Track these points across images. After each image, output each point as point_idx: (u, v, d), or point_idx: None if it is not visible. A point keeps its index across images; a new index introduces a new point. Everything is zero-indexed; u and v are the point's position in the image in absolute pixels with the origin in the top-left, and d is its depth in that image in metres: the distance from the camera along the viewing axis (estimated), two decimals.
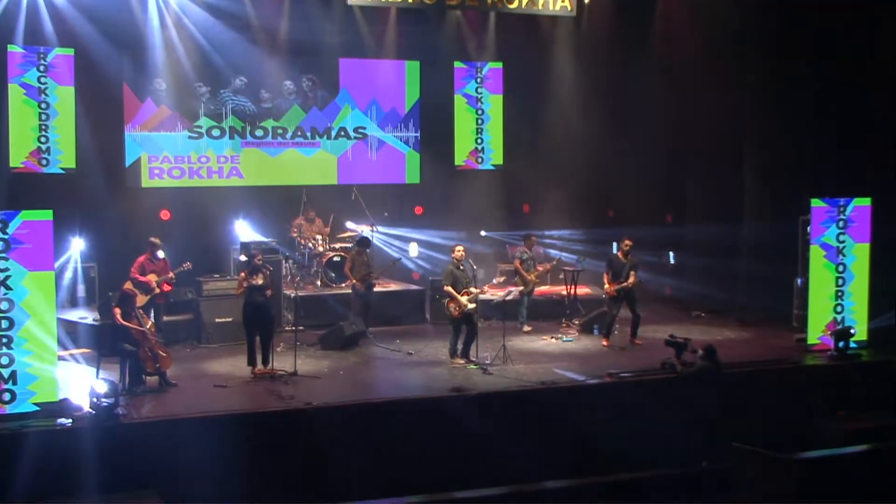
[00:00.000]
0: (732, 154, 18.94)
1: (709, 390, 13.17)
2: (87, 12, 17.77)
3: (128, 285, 14.89)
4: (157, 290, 15.42)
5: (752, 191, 18.66)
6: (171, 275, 15.51)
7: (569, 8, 20.73)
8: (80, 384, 12.79)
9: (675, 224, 21.11)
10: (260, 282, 14.41)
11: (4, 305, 12.07)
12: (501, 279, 16.33)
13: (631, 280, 16.27)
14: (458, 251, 15.40)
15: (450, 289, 15.19)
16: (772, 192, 18.17)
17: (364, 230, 19.54)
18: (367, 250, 17.49)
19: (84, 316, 16.61)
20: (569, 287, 18.47)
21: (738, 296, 18.78)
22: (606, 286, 16.50)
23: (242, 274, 14.61)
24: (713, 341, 15.18)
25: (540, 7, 20.55)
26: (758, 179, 18.54)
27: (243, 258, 16.13)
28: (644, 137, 20.78)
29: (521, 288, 17.47)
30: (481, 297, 16.12)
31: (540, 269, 17.87)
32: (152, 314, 15.13)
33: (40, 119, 17.70)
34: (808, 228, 16.39)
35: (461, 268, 15.29)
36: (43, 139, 17.74)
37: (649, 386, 13.99)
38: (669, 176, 20.51)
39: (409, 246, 20.73)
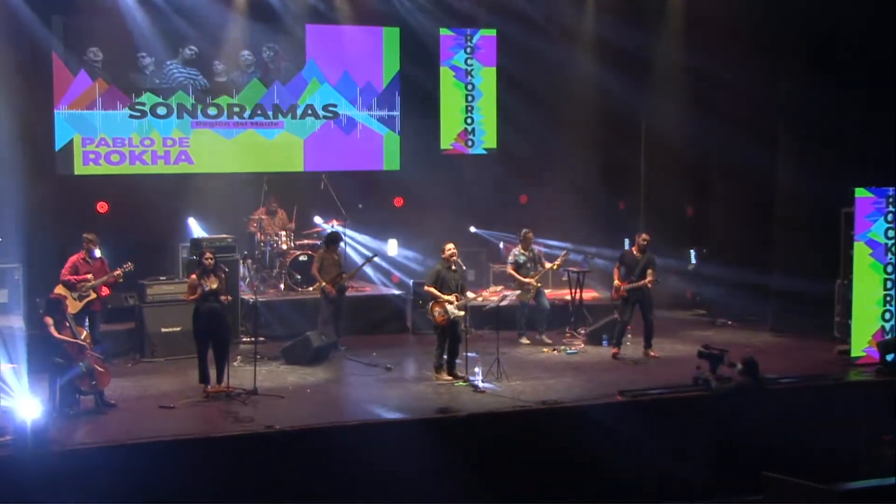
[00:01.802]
0: (765, 135, 18.99)
1: (748, 411, 13.16)
2: None
3: (58, 289, 14.87)
4: (94, 296, 15.37)
5: (788, 179, 18.71)
6: (118, 272, 15.42)
7: None
8: (3, 405, 12.74)
9: (697, 218, 21.17)
10: (214, 285, 14.39)
11: None
12: (498, 288, 16.32)
13: (648, 279, 16.32)
14: (449, 250, 15.42)
15: (432, 289, 15.22)
16: (810, 179, 18.21)
17: (335, 225, 19.52)
18: (339, 248, 17.49)
19: (7, 325, 16.56)
20: (573, 291, 18.50)
21: (770, 300, 18.85)
22: (616, 282, 16.58)
23: (193, 276, 14.60)
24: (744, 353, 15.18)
25: None
26: (794, 165, 18.59)
27: (194, 258, 16.13)
28: (662, 117, 20.82)
29: (517, 292, 17.50)
30: (472, 302, 16.12)
31: (547, 265, 17.82)
32: (87, 323, 15.10)
33: None
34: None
35: (453, 269, 15.32)
36: None
37: (669, 405, 14.02)
38: (691, 162, 20.55)
39: (387, 243, 20.76)
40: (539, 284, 17.69)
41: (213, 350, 14.48)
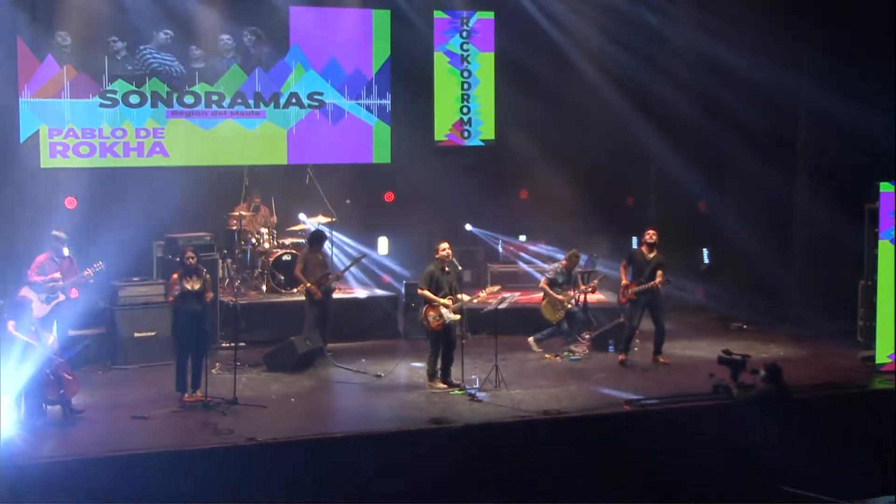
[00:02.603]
0: (783, 127, 19.00)
1: (771, 422, 13.18)
2: None
3: (24, 291, 14.86)
4: (62, 298, 15.38)
5: (807, 173, 18.74)
6: (88, 272, 15.45)
7: None
8: None
9: (710, 214, 21.18)
10: (196, 286, 14.41)
11: None
12: (495, 288, 16.31)
13: (658, 280, 16.34)
14: (444, 250, 15.43)
15: (426, 292, 15.25)
16: (831, 173, 18.25)
17: (320, 222, 19.51)
18: (324, 247, 17.50)
19: None
20: (577, 293, 18.47)
21: (788, 303, 18.87)
22: (624, 282, 16.63)
23: (175, 276, 14.60)
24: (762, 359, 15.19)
25: None
26: (814, 159, 18.62)
27: (171, 257, 16.10)
28: (673, 106, 20.82)
29: (517, 294, 17.47)
30: (469, 304, 16.13)
31: (582, 287, 17.67)
32: (55, 327, 15.10)
33: None
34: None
35: (446, 270, 15.35)
36: None
37: (681, 415, 14.05)
38: (704, 154, 20.56)
39: (377, 242, 20.76)
40: (570, 306, 17.56)
41: (191, 356, 14.49)
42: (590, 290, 17.81)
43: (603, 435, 13.62)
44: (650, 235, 16.65)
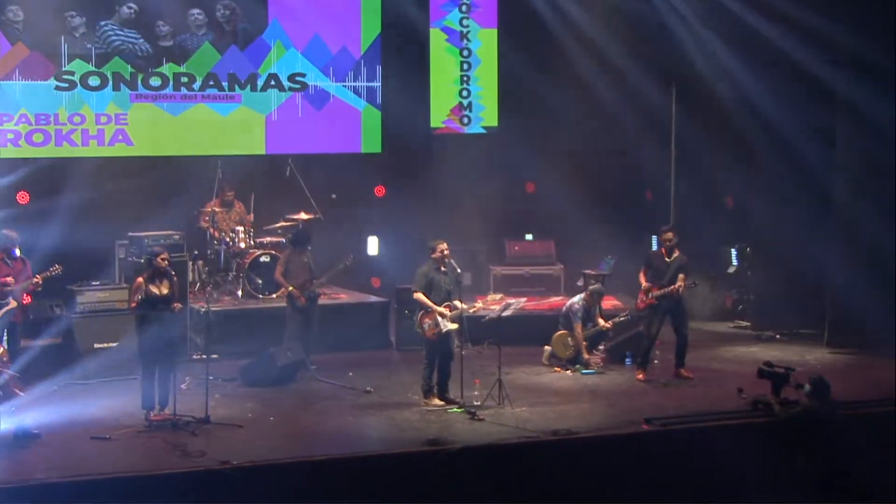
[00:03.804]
0: (820, 111, 18.99)
1: (815, 442, 13.16)
2: None
3: None
4: (14, 304, 15.37)
5: (845, 164, 18.74)
6: (37, 280, 15.46)
7: None
8: None
9: (737, 210, 21.18)
10: (164, 291, 14.41)
11: None
12: (497, 296, 16.26)
13: (679, 284, 16.34)
14: (441, 249, 15.42)
15: (421, 297, 15.25)
16: (870, 164, 18.25)
17: (302, 219, 19.50)
18: (308, 248, 17.49)
19: None
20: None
21: (826, 309, 18.87)
22: (644, 284, 16.66)
23: (139, 279, 14.59)
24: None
25: None
26: (852, 148, 18.62)
27: (135, 259, 16.06)
28: (697, 89, 20.81)
29: (523, 300, 17.47)
30: (471, 312, 16.14)
31: (601, 323, 17.53)
32: (4, 337, 15.09)
33: None
34: None
35: (443, 269, 15.34)
36: None
37: (706, 436, 14.05)
38: (731, 143, 20.56)
39: (366, 241, 20.77)
40: (586, 343, 17.41)
41: (157, 369, 14.48)
42: (608, 326, 17.66)
43: (619, 458, 13.64)
44: (668, 238, 16.62)
